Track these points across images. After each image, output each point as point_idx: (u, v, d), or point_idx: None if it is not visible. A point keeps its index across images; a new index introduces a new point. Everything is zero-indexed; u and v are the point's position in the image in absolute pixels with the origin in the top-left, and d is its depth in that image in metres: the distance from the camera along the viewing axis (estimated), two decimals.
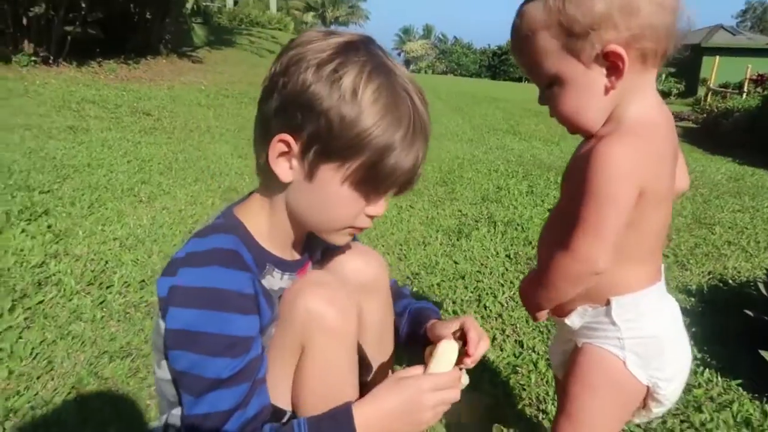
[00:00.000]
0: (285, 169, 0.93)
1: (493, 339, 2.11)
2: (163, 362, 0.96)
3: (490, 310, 2.35)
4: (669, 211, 1.04)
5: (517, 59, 1.04)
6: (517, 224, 3.56)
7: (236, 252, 0.93)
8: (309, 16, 50.18)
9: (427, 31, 69.58)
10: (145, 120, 6.18)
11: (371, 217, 1.00)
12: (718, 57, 19.33)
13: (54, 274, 2.33)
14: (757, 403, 1.84)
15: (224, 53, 11.95)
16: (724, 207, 4.50)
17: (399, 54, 66.93)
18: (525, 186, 4.67)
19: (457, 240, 3.23)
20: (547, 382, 1.85)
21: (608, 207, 0.91)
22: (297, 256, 1.10)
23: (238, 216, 1.00)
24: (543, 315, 1.13)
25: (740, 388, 1.91)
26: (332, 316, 0.98)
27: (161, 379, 0.99)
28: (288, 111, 0.89)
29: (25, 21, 7.72)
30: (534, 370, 1.91)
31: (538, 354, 2.02)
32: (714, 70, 18.47)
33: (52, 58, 8.09)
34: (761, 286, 2.37)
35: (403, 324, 1.31)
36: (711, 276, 2.99)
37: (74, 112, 5.94)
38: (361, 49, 0.90)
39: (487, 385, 1.82)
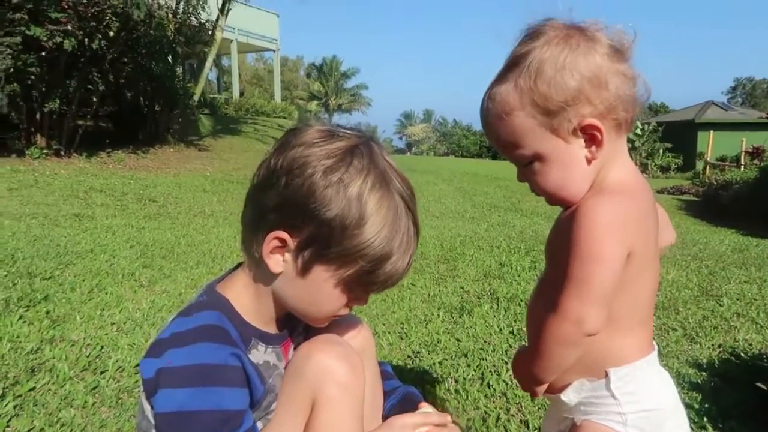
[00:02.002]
0: (278, 261, 0.95)
1: (497, 419, 2.03)
2: None
3: (494, 389, 2.28)
4: (658, 276, 1.03)
5: (492, 141, 1.05)
6: (521, 300, 3.51)
7: (221, 327, 0.94)
8: (313, 105, 52.17)
9: (428, 115, 71.89)
10: (150, 206, 6.30)
11: (352, 306, 1.04)
12: (712, 132, 19.84)
13: (48, 360, 2.30)
14: None
15: (230, 141, 12.34)
16: (730, 278, 4.44)
17: (401, 138, 68.87)
18: (528, 261, 4.64)
19: (459, 317, 3.18)
20: None
21: (597, 264, 0.90)
22: (281, 330, 1.10)
23: (222, 292, 1.01)
24: (541, 390, 1.08)
25: None
26: (344, 371, 1.00)
27: None
28: (288, 211, 0.91)
29: (38, 116, 8.06)
30: None
31: None
32: (709, 145, 18.88)
33: (63, 150, 8.36)
34: None
35: (392, 403, 1.29)
36: (722, 349, 2.90)
37: (81, 201, 6.07)
38: (365, 155, 0.93)
39: None
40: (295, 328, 1.14)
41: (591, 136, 0.95)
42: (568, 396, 1.06)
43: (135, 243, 4.50)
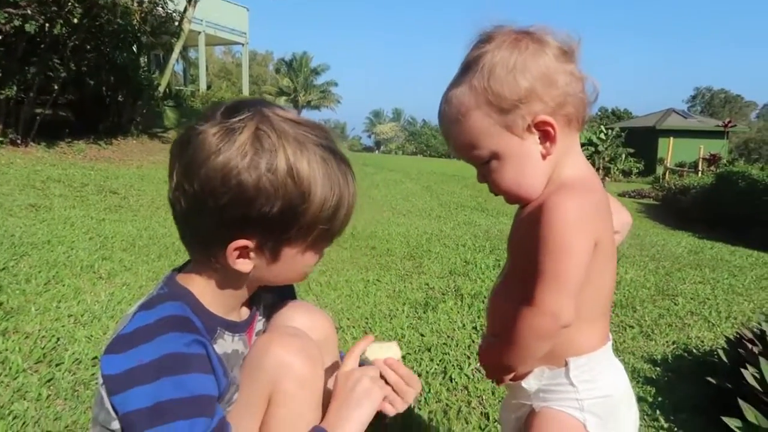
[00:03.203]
0: (245, 263, 0.95)
1: (459, 411, 2.06)
2: None
3: (456, 382, 2.30)
4: (615, 267, 1.07)
5: (450, 144, 1.08)
6: (484, 297, 3.56)
7: (185, 317, 0.92)
8: (281, 101, 51.66)
9: (397, 114, 72.07)
10: (111, 198, 6.14)
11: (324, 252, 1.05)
12: (672, 138, 20.44)
13: (0, 352, 2.22)
14: None
15: None
16: (685, 279, 4.59)
17: (370, 136, 68.88)
18: (492, 260, 4.71)
19: (424, 312, 3.21)
20: None
21: (567, 258, 0.93)
22: (244, 316, 1.10)
23: (183, 283, 1.00)
24: (509, 378, 1.10)
25: None
26: (302, 365, 1.00)
27: None
28: (235, 225, 0.90)
29: None
30: None
31: None
32: (669, 151, 19.44)
33: (20, 139, 8.08)
34: (722, 354, 2.39)
35: None
36: (675, 346, 3.00)
37: (38, 191, 5.88)
38: (269, 132, 0.89)
39: None
40: (258, 309, 1.14)
41: (545, 132, 0.99)
42: (529, 383, 1.09)
43: (94, 235, 4.38)
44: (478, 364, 1.15)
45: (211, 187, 0.87)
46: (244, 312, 1.11)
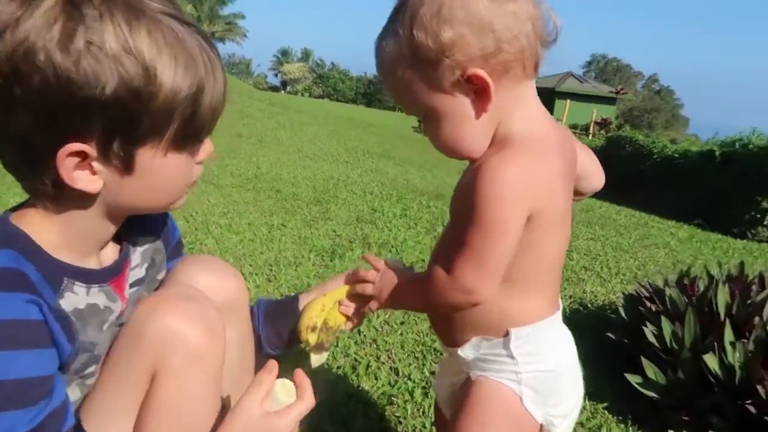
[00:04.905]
0: (88, 179, 0.72)
1: (368, 366, 1.98)
2: None
3: (365, 335, 2.22)
4: (567, 235, 0.97)
5: (390, 94, 0.97)
6: (392, 246, 3.50)
7: (16, 270, 0.70)
8: None
9: (306, 55, 69.94)
10: None
11: (201, 162, 0.85)
12: (568, 101, 21.43)
13: None
14: (623, 426, 1.87)
15: None
16: (579, 235, 4.81)
17: (276, 75, 66.57)
18: (399, 209, 4.66)
19: (331, 261, 3.09)
20: (423, 413, 1.74)
21: (494, 234, 0.83)
22: (107, 262, 0.87)
23: (16, 223, 0.76)
24: (377, 307, 1.07)
25: (606, 412, 1.94)
26: (196, 335, 0.81)
27: None
28: (58, 119, 0.67)
29: None
30: (410, 400, 1.80)
31: (414, 382, 1.91)
32: (566, 113, 20.39)
33: None
34: (621, 311, 2.48)
35: (260, 325, 1.14)
36: (572, 300, 3.11)
37: None
38: None
39: (361, 418, 1.67)
40: (125, 260, 0.90)
41: (479, 88, 0.85)
42: (465, 352, 1.00)
43: None
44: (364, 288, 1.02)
45: (13, 68, 0.64)
46: (109, 257, 0.88)
